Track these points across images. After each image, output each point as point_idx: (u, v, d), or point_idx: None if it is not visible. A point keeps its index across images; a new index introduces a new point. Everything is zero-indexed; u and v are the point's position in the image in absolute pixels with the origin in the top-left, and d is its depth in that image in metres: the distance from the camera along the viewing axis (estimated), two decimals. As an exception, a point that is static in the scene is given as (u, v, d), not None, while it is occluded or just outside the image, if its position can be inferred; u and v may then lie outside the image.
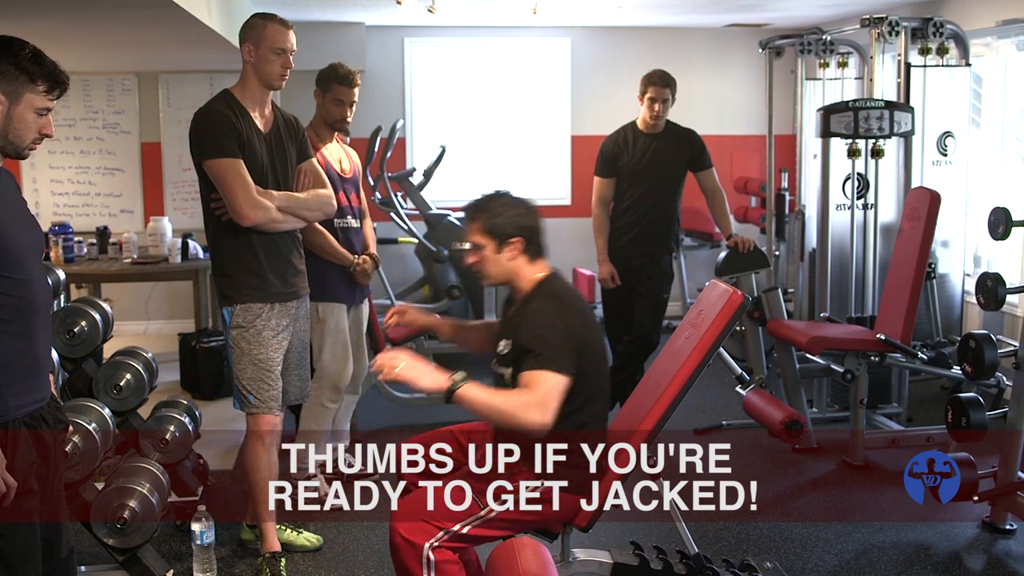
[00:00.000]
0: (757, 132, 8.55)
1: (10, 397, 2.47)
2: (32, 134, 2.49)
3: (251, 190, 3.66)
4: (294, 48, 3.80)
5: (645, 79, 5.37)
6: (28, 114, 2.45)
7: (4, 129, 2.44)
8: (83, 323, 4.26)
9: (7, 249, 2.43)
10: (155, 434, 4.25)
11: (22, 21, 4.82)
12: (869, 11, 6.57)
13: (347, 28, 8.11)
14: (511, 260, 3.20)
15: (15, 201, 2.57)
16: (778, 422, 4.77)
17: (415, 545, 3.00)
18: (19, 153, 2.51)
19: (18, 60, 2.42)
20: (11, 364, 2.47)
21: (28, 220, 2.60)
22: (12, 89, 2.42)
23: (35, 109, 2.46)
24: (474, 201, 3.27)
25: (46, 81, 2.46)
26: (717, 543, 4.20)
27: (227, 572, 4.00)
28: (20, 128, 2.46)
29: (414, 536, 3.01)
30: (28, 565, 2.51)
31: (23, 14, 4.72)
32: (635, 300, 5.47)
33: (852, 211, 5.94)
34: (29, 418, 2.53)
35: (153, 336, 8.19)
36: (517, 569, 2.84)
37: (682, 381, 3.30)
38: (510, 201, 3.30)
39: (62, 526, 2.72)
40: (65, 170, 8.23)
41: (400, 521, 3.03)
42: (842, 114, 5.57)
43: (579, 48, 8.88)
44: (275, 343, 3.82)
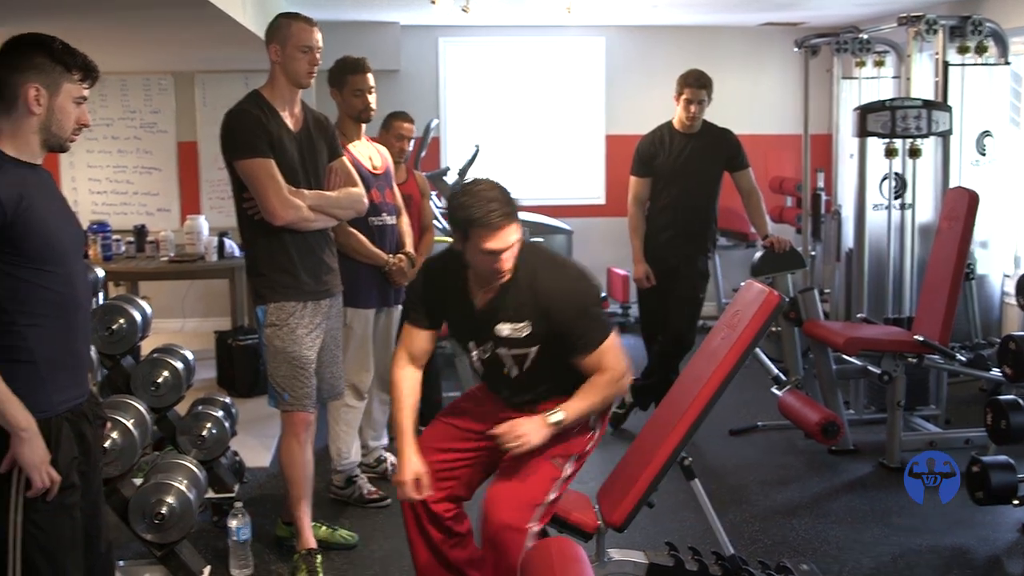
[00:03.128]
0: (793, 131, 8.49)
1: (52, 392, 2.50)
2: (72, 124, 2.53)
3: (282, 189, 3.68)
4: (320, 45, 3.82)
5: (681, 80, 5.35)
6: (68, 104, 2.50)
7: (47, 122, 2.48)
8: (121, 320, 4.29)
9: (49, 244, 2.46)
10: (192, 431, 4.28)
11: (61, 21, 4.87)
12: (906, 9, 6.51)
13: (382, 28, 8.14)
14: None
15: (55, 197, 2.61)
16: (814, 423, 4.75)
17: (520, 530, 3.02)
18: (61, 145, 2.55)
19: (52, 52, 2.47)
20: (53, 359, 2.50)
21: (68, 216, 2.64)
22: (51, 81, 2.47)
23: (73, 98, 2.51)
24: (495, 196, 2.99)
25: (80, 70, 2.51)
26: (753, 544, 4.18)
27: (263, 569, 4.02)
28: (62, 119, 2.50)
29: (517, 521, 3.02)
30: (69, 559, 2.53)
31: (62, 14, 4.77)
32: (671, 300, 5.45)
33: (889, 211, 5.90)
34: (71, 413, 2.56)
35: (189, 334, 8.25)
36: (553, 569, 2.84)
37: (718, 382, 3.28)
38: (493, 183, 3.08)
39: (101, 521, 2.75)
40: (103, 169, 8.32)
41: (499, 512, 3.02)
42: (879, 113, 5.53)
43: (613, 47, 8.86)
44: (308, 341, 3.84)
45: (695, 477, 3.36)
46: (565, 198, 8.77)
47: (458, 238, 3.06)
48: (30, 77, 2.44)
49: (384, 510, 4.61)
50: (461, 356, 6.12)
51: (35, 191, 2.45)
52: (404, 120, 5.07)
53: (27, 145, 2.48)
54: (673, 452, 3.26)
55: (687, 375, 3.60)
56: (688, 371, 3.60)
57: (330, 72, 4.53)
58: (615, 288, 8.57)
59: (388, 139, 5.01)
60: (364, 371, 4.64)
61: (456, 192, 3.08)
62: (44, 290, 2.46)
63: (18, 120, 2.46)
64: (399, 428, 3.16)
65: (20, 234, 2.39)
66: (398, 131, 5.03)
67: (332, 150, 3.99)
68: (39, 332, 2.47)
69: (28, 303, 2.44)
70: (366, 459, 4.94)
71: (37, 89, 2.45)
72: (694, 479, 3.36)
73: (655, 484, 3.25)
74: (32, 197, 2.43)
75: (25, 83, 2.44)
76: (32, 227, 2.41)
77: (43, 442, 2.43)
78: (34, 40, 2.49)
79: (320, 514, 4.23)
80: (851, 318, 6.06)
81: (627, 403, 5.73)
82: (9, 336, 2.43)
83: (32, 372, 2.46)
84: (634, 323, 8.10)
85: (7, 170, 2.42)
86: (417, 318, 3.26)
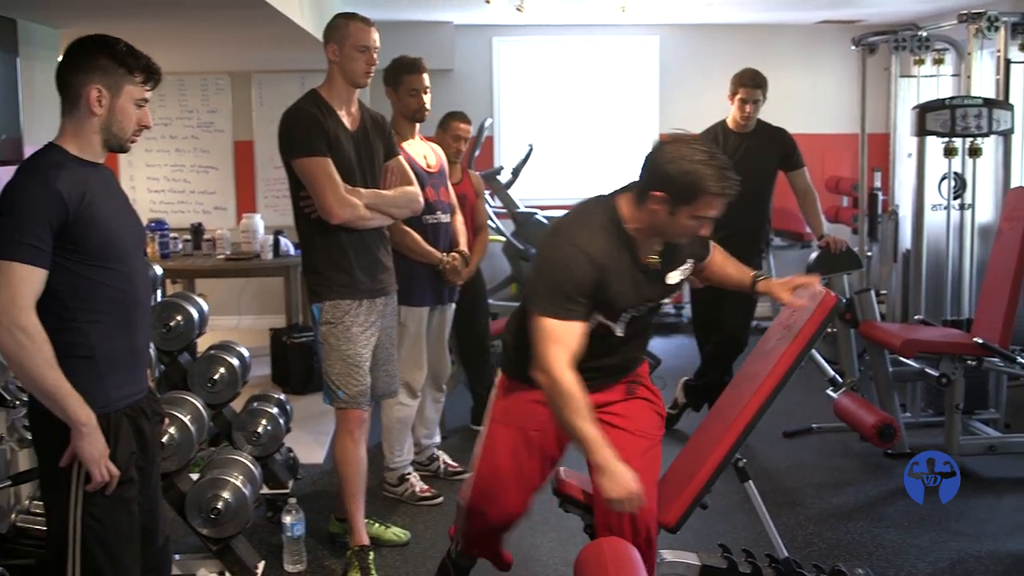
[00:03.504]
0: (849, 131, 8.39)
1: (112, 388, 2.54)
2: (133, 125, 2.57)
3: (340, 188, 3.70)
4: (377, 45, 3.84)
5: (736, 79, 5.31)
6: (129, 106, 2.53)
7: (108, 122, 2.52)
8: (179, 317, 4.35)
9: (110, 242, 2.50)
10: (248, 427, 4.33)
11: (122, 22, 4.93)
12: (967, 6, 6.40)
13: (436, 27, 8.17)
14: None
15: (117, 196, 2.65)
16: (870, 426, 4.69)
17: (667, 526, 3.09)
18: (122, 146, 2.59)
19: (115, 54, 2.50)
20: (113, 356, 2.54)
21: (129, 214, 2.68)
22: (112, 82, 2.50)
23: (134, 100, 2.54)
24: (727, 163, 2.89)
25: (143, 72, 2.54)
26: (807, 548, 4.14)
27: (316, 564, 4.06)
28: (122, 120, 2.53)
29: (664, 516, 3.09)
30: (126, 551, 2.57)
31: (122, 16, 4.84)
32: (724, 301, 5.40)
33: (948, 211, 5.82)
34: (130, 409, 2.60)
35: (244, 331, 8.33)
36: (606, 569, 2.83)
37: (773, 383, 3.25)
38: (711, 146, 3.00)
39: (159, 515, 2.79)
40: (161, 168, 8.44)
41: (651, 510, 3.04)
42: (938, 112, 5.45)
43: (668, 46, 8.82)
44: (363, 339, 3.86)
45: (749, 478, 3.33)
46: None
47: (665, 199, 2.82)
48: (93, 78, 2.48)
49: (436, 508, 4.63)
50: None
51: (97, 189, 2.50)
52: (461, 121, 5.10)
53: (89, 144, 2.52)
54: (728, 453, 3.23)
55: (742, 376, 3.57)
56: (743, 372, 3.58)
57: (386, 71, 4.54)
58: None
59: (445, 139, 5.04)
60: (417, 369, 4.66)
61: (682, 153, 2.83)
62: (105, 287, 2.50)
63: (81, 120, 2.50)
64: (590, 439, 2.75)
65: (82, 232, 2.43)
66: (455, 131, 5.07)
67: (389, 149, 4.01)
68: (100, 328, 2.51)
69: (89, 300, 2.48)
70: (418, 457, 4.96)
71: (99, 90, 2.48)
72: (748, 480, 3.34)
73: (709, 485, 3.22)
74: (94, 195, 2.47)
75: (88, 84, 2.48)
76: (94, 225, 2.45)
77: (102, 437, 2.47)
78: (99, 41, 2.53)
79: (372, 511, 4.26)
80: (908, 320, 5.98)
81: (680, 404, 5.70)
82: (70, 333, 2.47)
83: (92, 368, 2.50)
84: (687, 323, 8.06)
85: (70, 169, 2.46)
86: (576, 310, 2.86)
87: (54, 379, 2.39)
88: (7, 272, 2.35)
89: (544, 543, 4.21)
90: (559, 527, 4.31)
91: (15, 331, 2.34)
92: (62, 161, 2.47)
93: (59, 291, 2.44)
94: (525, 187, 8.09)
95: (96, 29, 2.61)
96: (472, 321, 5.47)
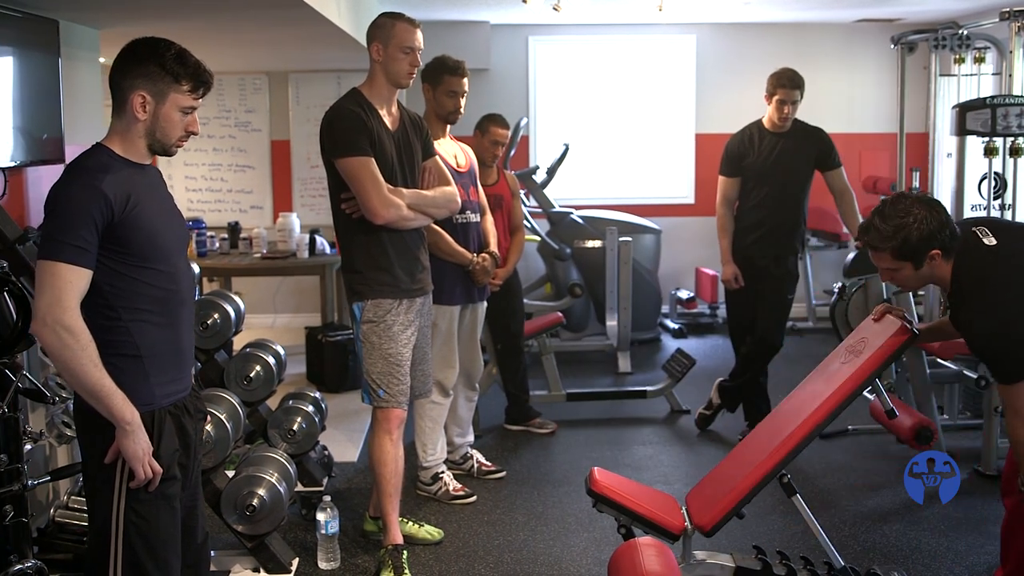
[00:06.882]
0: (887, 130, 8.33)
1: (156, 386, 2.56)
2: (178, 132, 2.58)
3: (383, 188, 3.71)
4: (421, 47, 3.84)
5: (774, 80, 5.27)
6: (173, 113, 2.54)
7: (152, 128, 2.54)
8: (216, 315, 4.38)
9: (155, 243, 2.53)
10: (283, 425, 4.36)
11: (160, 23, 4.98)
12: (1008, 3, 6.32)
13: (472, 27, 8.19)
14: None
15: (163, 196, 2.68)
16: (907, 428, 4.63)
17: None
18: (166, 150, 2.61)
19: (163, 61, 2.51)
20: (158, 354, 2.57)
21: (174, 215, 2.71)
22: (158, 89, 2.51)
23: (180, 108, 2.55)
24: None
25: (190, 80, 2.54)
26: (843, 550, 4.09)
27: (350, 563, 4.07)
28: (166, 126, 2.55)
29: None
30: (169, 549, 2.60)
31: (161, 16, 4.88)
32: (759, 302, 5.38)
33: (988, 211, 5.75)
34: (173, 407, 2.63)
35: (280, 329, 8.40)
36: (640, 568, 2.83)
37: (833, 406, 3.28)
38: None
39: (199, 512, 2.82)
40: (199, 167, 8.50)
41: None
42: (979, 111, 5.38)
43: (704, 45, 8.79)
44: (404, 338, 3.87)
45: (796, 493, 3.29)
46: (654, 197, 8.72)
47: (923, 251, 3.08)
48: (138, 84, 2.50)
49: (469, 507, 4.64)
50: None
51: (143, 191, 2.53)
52: (500, 126, 5.11)
53: (134, 147, 2.55)
54: (775, 467, 3.23)
55: (800, 396, 3.54)
56: (801, 390, 3.56)
57: (426, 68, 4.54)
58: (703, 288, 8.50)
59: (483, 143, 5.05)
60: (449, 368, 4.67)
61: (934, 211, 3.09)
62: (150, 287, 2.53)
63: (127, 123, 2.53)
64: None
65: (127, 233, 2.46)
66: (494, 136, 5.09)
67: (426, 149, 4.02)
68: (144, 328, 2.53)
69: (134, 299, 2.51)
70: (452, 456, 4.97)
71: (143, 97, 2.50)
72: (796, 495, 3.30)
73: (751, 496, 3.22)
74: (140, 196, 2.49)
75: (133, 90, 2.50)
76: (139, 226, 2.48)
77: (146, 435, 2.50)
78: (150, 45, 2.53)
79: (406, 510, 4.27)
80: (946, 321, 5.91)
81: (714, 404, 5.68)
82: (115, 331, 2.50)
83: (137, 366, 2.53)
84: (722, 324, 8.03)
85: (117, 170, 2.49)
86: None
87: (98, 378, 2.41)
88: (52, 272, 2.38)
89: (577, 543, 4.21)
90: (592, 527, 4.31)
91: (60, 331, 2.36)
92: (108, 163, 2.49)
93: (104, 291, 2.47)
94: (560, 187, 8.09)
95: (136, 30, 2.62)
96: (507, 321, 5.49)
